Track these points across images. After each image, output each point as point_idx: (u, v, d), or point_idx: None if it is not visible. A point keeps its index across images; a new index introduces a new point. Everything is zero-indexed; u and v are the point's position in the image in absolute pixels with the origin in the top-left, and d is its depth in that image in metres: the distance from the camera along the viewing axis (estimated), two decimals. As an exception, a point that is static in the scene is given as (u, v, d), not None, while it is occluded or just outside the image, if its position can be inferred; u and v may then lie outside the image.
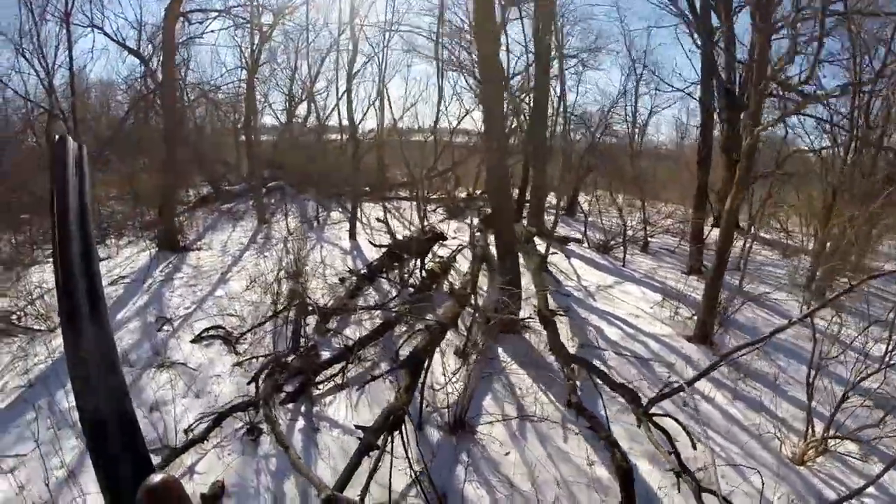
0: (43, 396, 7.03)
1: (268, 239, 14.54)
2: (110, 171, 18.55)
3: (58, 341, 8.45)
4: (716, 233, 13.52)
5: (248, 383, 7.08)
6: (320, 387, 7.32)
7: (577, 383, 6.77)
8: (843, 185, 12.12)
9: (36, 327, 9.04)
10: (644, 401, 6.21)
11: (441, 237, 12.30)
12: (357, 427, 5.43)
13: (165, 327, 9.10)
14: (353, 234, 14.62)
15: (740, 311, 9.46)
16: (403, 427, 5.72)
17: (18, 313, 9.32)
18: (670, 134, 27.61)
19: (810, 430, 6.43)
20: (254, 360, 7.92)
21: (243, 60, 20.17)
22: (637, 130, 23.19)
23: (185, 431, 6.31)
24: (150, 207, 15.73)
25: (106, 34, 16.19)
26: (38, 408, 6.10)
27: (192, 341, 8.53)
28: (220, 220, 16.71)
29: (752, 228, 11.85)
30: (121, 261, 12.83)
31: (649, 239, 15.01)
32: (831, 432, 6.30)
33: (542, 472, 6.00)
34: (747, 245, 10.63)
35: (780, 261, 14.05)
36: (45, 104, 16.00)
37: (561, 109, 19.48)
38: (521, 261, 10.43)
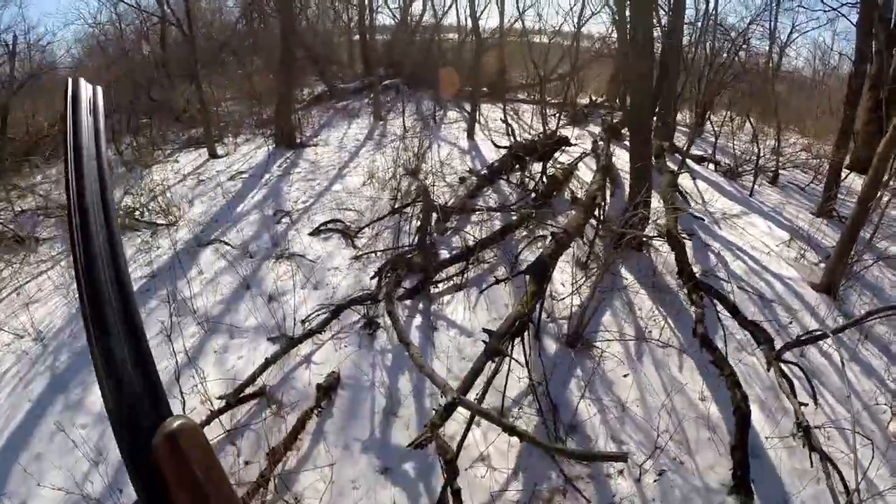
0: (164, 286, 7.13)
1: (384, 136, 14.22)
2: (226, 73, 18.79)
3: (179, 234, 8.63)
4: (853, 177, 12.42)
5: (372, 277, 6.89)
6: (439, 285, 7.02)
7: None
8: None
9: (158, 222, 9.23)
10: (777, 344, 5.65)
11: (566, 142, 11.45)
12: (485, 330, 5.06)
13: (284, 220, 9.06)
14: (471, 134, 14.00)
15: (867, 268, 8.31)
16: (525, 334, 5.41)
17: (141, 209, 9.63)
18: (809, 60, 24.37)
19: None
20: (372, 254, 7.75)
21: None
22: (777, 50, 20.52)
23: (303, 322, 6.24)
24: (265, 106, 15.75)
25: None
26: (171, 296, 6.16)
27: (311, 234, 8.45)
28: (335, 118, 16.51)
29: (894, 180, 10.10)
30: (238, 157, 12.97)
31: (780, 171, 13.48)
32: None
33: (654, 398, 5.58)
34: (886, 198, 9.13)
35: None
36: (165, 16, 16.15)
37: (701, 16, 17.57)
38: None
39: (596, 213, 8.33)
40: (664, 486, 4.69)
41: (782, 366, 5.32)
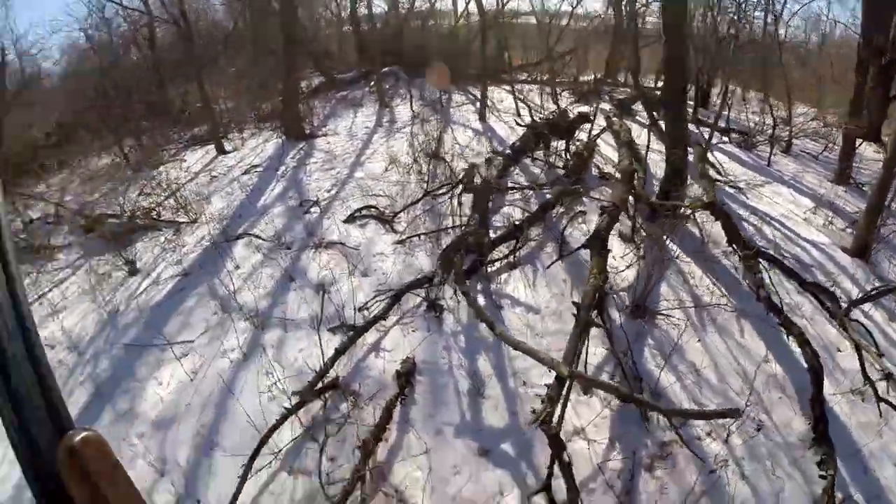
0: (200, 284, 6.95)
1: (393, 122, 13.91)
2: (220, 71, 18.33)
3: (203, 231, 8.33)
4: (864, 144, 12.32)
5: (439, 259, 6.63)
6: (494, 264, 6.83)
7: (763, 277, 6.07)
8: None
9: (179, 219, 8.92)
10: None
11: (586, 118, 11.21)
12: (574, 304, 4.91)
13: (312, 209, 8.78)
14: (483, 116, 13.71)
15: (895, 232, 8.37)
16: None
17: (157, 208, 9.33)
18: (809, 31, 24.21)
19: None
20: (416, 237, 7.52)
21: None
22: (779, 21, 20.47)
23: (360, 309, 6.01)
24: (263, 101, 15.36)
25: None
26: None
27: (346, 221, 8.20)
28: (337, 108, 16.15)
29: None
30: (247, 152, 12.66)
31: (793, 141, 13.42)
32: None
33: (723, 362, 5.62)
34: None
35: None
36: (152, 14, 15.69)
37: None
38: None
39: (637, 187, 8.17)
40: (751, 445, 4.75)
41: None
